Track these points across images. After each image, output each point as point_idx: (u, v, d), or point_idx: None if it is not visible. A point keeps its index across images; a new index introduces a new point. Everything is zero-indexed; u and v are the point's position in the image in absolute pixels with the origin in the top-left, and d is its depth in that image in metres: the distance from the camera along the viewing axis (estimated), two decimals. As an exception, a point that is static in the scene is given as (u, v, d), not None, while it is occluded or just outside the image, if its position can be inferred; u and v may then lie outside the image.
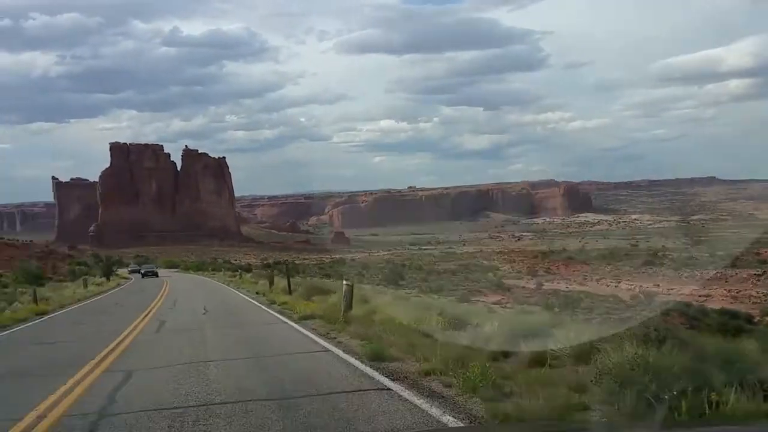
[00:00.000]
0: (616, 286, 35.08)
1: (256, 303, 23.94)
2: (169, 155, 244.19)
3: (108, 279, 57.34)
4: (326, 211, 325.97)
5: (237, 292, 32.95)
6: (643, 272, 45.16)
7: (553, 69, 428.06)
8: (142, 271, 70.06)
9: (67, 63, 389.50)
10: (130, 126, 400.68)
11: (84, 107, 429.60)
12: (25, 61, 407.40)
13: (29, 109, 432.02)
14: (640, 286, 34.54)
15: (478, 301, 25.88)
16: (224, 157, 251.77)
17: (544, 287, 34.82)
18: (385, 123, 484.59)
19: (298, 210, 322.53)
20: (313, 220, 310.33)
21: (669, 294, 32.25)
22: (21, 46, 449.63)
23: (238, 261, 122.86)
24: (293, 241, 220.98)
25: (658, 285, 33.99)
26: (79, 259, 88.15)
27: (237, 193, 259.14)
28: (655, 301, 25.77)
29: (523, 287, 37.43)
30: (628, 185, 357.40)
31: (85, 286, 39.72)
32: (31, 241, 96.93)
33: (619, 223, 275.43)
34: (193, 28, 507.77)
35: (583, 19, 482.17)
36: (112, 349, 12.35)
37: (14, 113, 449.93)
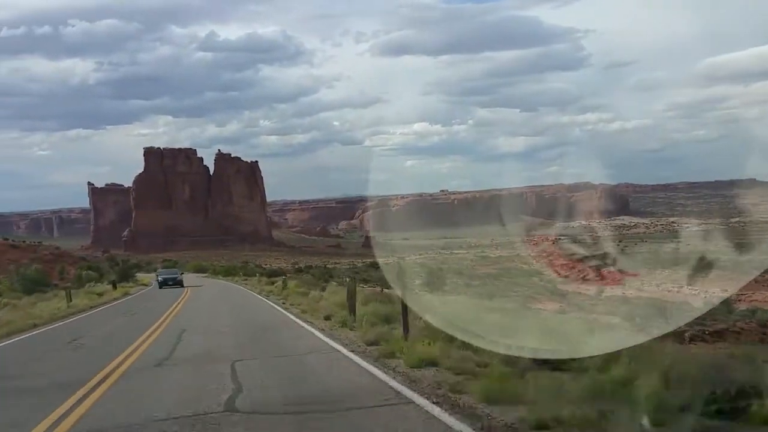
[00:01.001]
0: (677, 291, 32.02)
1: (352, 357, 11.16)
2: (201, 159, 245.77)
3: (115, 287, 45.86)
4: (356, 215, 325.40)
5: (288, 314, 21.11)
6: (702, 276, 41.66)
7: (594, 68, 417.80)
8: (160, 279, 52.33)
9: (105, 70, 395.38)
10: (166, 132, 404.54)
11: (120, 113, 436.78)
12: (64, 69, 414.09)
13: (68, 116, 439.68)
14: (706, 291, 31.52)
15: (536, 309, 23.01)
16: (257, 161, 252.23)
17: (605, 293, 31.73)
18: (418, 126, 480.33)
19: (329, 214, 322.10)
20: (343, 224, 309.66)
21: (740, 300, 29.16)
22: (61, 53, 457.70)
23: (269, 265, 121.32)
24: (324, 245, 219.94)
25: (726, 290, 30.94)
26: (92, 263, 77.96)
27: (269, 198, 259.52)
28: (736, 308, 22.83)
29: (580, 293, 34.44)
30: (665, 187, 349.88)
31: (69, 299, 30.62)
32: (39, 242, 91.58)
33: (657, 225, 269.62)
34: (230, 32, 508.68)
35: (627, 17, 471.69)
36: None
37: (54, 120, 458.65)
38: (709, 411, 5.62)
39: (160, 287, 49.09)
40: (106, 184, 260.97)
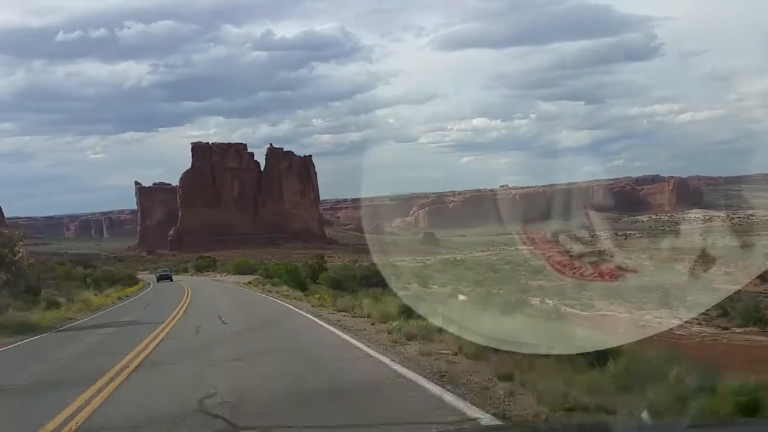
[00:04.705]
0: None
1: None
2: (252, 155, 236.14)
3: None
4: (411, 212, 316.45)
5: None
6: None
7: (667, 58, 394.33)
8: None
9: (160, 72, 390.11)
10: (218, 133, 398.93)
11: (173, 115, 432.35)
12: (119, 72, 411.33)
13: (121, 119, 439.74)
14: None
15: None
16: (310, 156, 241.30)
17: None
18: (477, 121, 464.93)
19: (382, 212, 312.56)
20: (397, 221, 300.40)
21: None
22: (116, 56, 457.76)
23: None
24: (381, 243, 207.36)
25: None
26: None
27: (320, 197, 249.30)
28: None
29: None
30: (740, 179, 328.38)
31: None
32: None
33: (734, 219, 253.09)
34: (286, 30, 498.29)
35: (707, 2, 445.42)
36: None
37: (108, 124, 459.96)
38: None
39: (158, 281, 61.53)
40: (154, 184, 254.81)
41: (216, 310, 25.44)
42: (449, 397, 8.23)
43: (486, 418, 6.73)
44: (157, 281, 62.83)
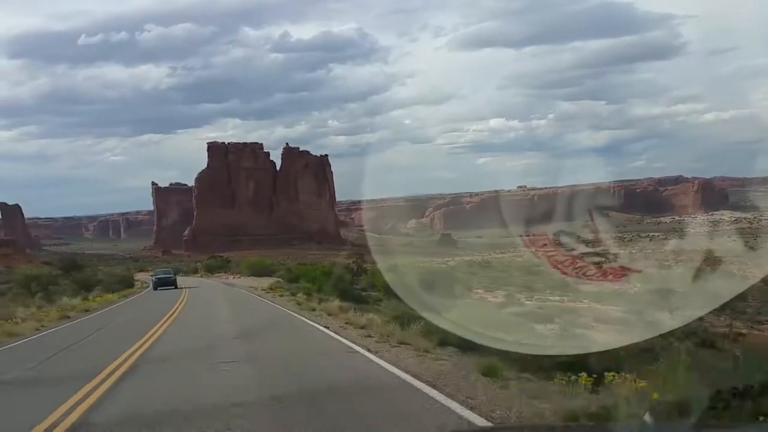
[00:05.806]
0: None
1: None
2: (268, 154, 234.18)
3: None
4: (426, 213, 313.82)
5: None
6: None
7: (691, 56, 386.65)
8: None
9: (179, 75, 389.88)
10: (234, 135, 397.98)
11: (191, 117, 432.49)
12: (138, 75, 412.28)
13: (140, 121, 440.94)
14: None
15: None
16: (326, 155, 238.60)
17: None
18: (494, 122, 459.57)
19: (397, 213, 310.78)
20: (412, 222, 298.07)
21: None
22: (135, 59, 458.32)
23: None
24: (397, 244, 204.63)
25: None
26: None
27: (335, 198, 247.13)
28: None
29: None
30: (765, 180, 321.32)
31: None
32: None
33: (762, 220, 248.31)
34: (304, 31, 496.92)
35: (730, 0, 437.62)
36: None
37: (126, 126, 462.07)
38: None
39: (155, 288, 47.65)
40: (170, 184, 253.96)
41: (198, 395, 9.17)
42: None
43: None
44: (154, 288, 47.87)
